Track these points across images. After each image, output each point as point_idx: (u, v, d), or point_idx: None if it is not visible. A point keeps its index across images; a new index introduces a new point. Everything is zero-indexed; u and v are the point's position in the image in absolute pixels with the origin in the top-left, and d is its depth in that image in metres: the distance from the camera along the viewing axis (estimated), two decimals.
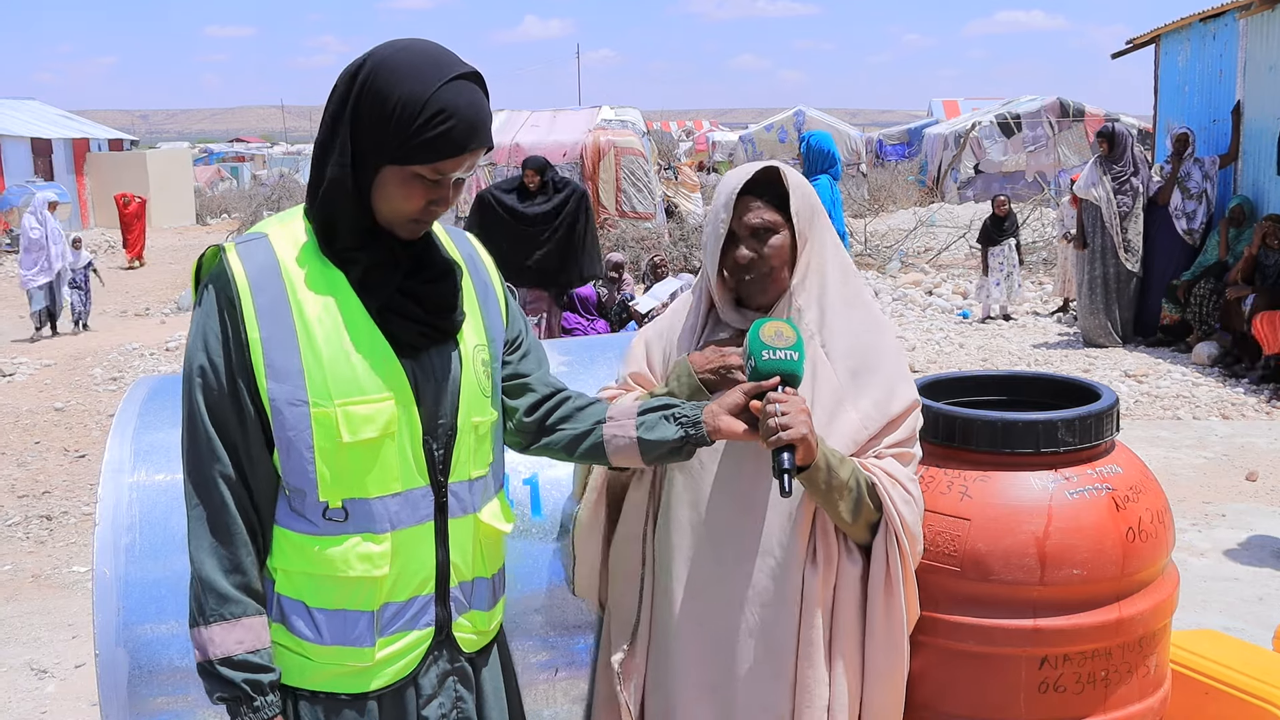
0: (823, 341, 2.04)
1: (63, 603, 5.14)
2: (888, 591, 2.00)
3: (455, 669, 1.81)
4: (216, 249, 1.70)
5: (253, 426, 1.66)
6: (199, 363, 1.66)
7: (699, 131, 44.53)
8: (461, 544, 1.77)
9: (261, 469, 1.68)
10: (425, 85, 1.61)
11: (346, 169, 1.65)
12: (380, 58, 1.65)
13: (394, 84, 1.61)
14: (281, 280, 1.67)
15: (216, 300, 1.66)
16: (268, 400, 1.65)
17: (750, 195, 2.03)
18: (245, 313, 1.64)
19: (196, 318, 1.69)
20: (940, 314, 12.38)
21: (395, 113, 1.61)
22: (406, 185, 1.65)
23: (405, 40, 1.69)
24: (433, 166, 1.63)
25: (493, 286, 1.89)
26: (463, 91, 1.63)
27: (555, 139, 16.30)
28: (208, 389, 1.65)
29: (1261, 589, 4.90)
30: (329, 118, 1.68)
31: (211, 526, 1.65)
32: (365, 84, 1.63)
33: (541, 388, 1.92)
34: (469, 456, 1.78)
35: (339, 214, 1.67)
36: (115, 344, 11.73)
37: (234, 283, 1.65)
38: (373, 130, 1.63)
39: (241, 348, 1.65)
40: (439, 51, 1.67)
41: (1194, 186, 10.30)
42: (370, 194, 1.67)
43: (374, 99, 1.62)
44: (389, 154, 1.63)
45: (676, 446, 1.85)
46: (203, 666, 1.66)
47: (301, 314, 1.66)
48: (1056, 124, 22.75)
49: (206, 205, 30.84)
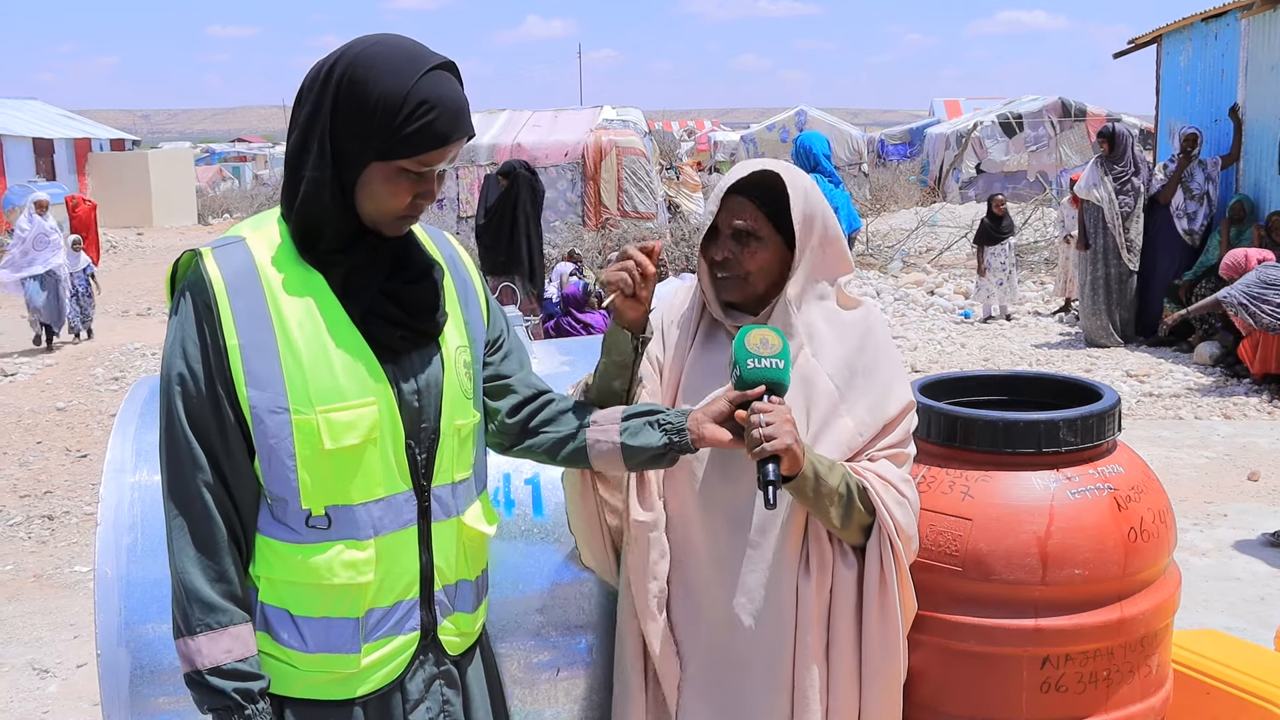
0: (815, 351, 2.01)
1: (64, 602, 5.14)
2: (882, 593, 1.99)
3: (441, 672, 1.79)
4: (192, 253, 1.66)
5: (233, 434, 1.63)
6: (177, 370, 1.63)
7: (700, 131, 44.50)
8: (445, 548, 1.76)
9: (243, 477, 1.65)
10: (404, 79, 1.59)
11: (329, 171, 1.62)
12: (353, 55, 1.62)
13: (372, 80, 1.59)
14: (260, 285, 1.64)
15: (194, 306, 1.63)
16: (248, 408, 1.62)
17: (742, 195, 2.00)
18: (223, 319, 1.61)
19: (173, 325, 1.65)
20: (942, 314, 12.38)
21: (378, 109, 1.58)
22: (392, 181, 1.63)
23: (373, 36, 1.66)
24: (418, 159, 1.61)
25: (473, 286, 1.87)
26: (441, 82, 1.62)
27: (557, 139, 16.30)
28: (187, 397, 1.62)
29: (1263, 589, 4.90)
30: (304, 120, 1.64)
31: (195, 536, 1.62)
32: (341, 83, 1.61)
33: (524, 389, 1.90)
34: (451, 460, 1.76)
35: (322, 217, 1.64)
36: (117, 344, 11.74)
37: (211, 288, 1.62)
38: (355, 129, 1.60)
39: (220, 355, 1.61)
40: (411, 44, 1.65)
41: (1196, 187, 10.29)
42: (354, 194, 1.64)
43: (353, 97, 1.60)
44: (374, 151, 1.61)
45: (660, 453, 1.83)
46: (190, 677, 1.63)
47: (281, 319, 1.63)
48: (1058, 124, 22.73)
49: (208, 205, 30.87)
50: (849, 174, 23.28)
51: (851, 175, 23.54)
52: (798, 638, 1.99)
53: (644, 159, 15.97)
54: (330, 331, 1.64)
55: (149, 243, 24.10)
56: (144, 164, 28.42)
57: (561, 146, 16.09)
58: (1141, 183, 10.31)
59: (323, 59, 1.66)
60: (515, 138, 16.47)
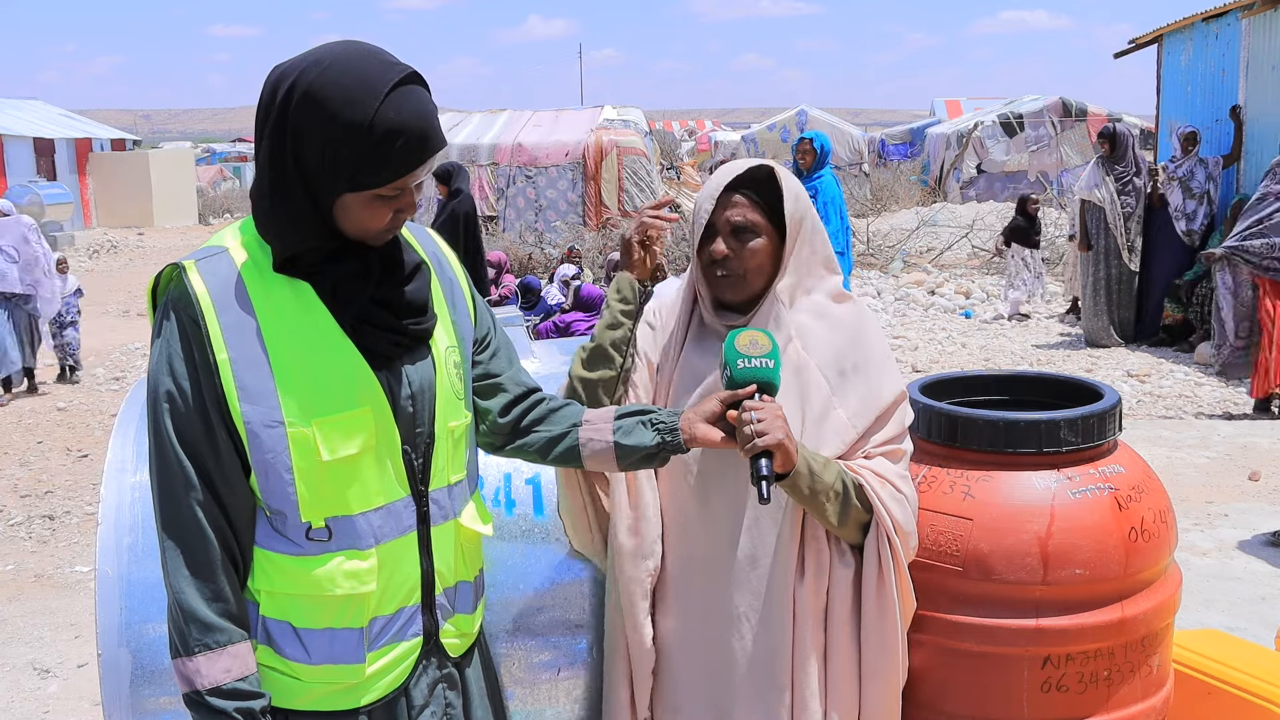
0: (806, 345, 2.02)
1: (65, 602, 5.14)
2: (880, 590, 1.99)
3: (444, 675, 1.79)
4: (174, 267, 1.62)
5: (226, 450, 1.60)
6: (165, 388, 1.59)
7: (701, 131, 44.52)
8: (444, 551, 1.75)
9: (238, 493, 1.62)
10: (365, 109, 1.51)
11: (305, 202, 1.58)
12: (306, 85, 1.54)
13: (330, 115, 1.52)
14: (247, 297, 1.60)
15: (179, 323, 1.59)
16: (242, 423, 1.59)
17: (737, 192, 2.01)
18: (211, 334, 1.58)
19: (158, 343, 1.61)
20: (943, 314, 12.38)
21: (342, 145, 1.53)
22: (368, 207, 1.59)
23: (325, 55, 1.57)
24: (392, 185, 1.57)
25: (459, 284, 1.85)
26: (405, 101, 1.54)
27: (558, 139, 16.31)
28: (176, 414, 1.58)
29: (1264, 589, 4.90)
30: (266, 153, 1.58)
31: (189, 556, 1.60)
32: (299, 118, 1.54)
33: (514, 387, 1.89)
34: (447, 462, 1.75)
35: (301, 240, 1.60)
36: (118, 344, 11.73)
37: (197, 303, 1.58)
38: (320, 167, 1.55)
39: (210, 370, 1.58)
40: (366, 61, 1.56)
41: (1197, 187, 10.28)
42: (332, 216, 1.60)
43: (313, 135, 1.54)
44: (345, 184, 1.56)
45: (652, 453, 1.83)
46: (190, 698, 1.61)
47: (270, 331, 1.59)
48: (1059, 124, 22.73)
49: (209, 205, 30.92)
50: (850, 174, 23.29)
51: (852, 175, 23.56)
52: (796, 638, 2.00)
53: (645, 159, 15.99)
54: (321, 342, 1.62)
55: (149, 243, 24.11)
56: (145, 164, 28.45)
57: (562, 146, 16.10)
58: (1142, 183, 10.31)
59: (278, 75, 1.58)
60: (516, 138, 16.49)
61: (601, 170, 15.81)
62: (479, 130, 16.95)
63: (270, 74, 1.60)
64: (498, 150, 16.30)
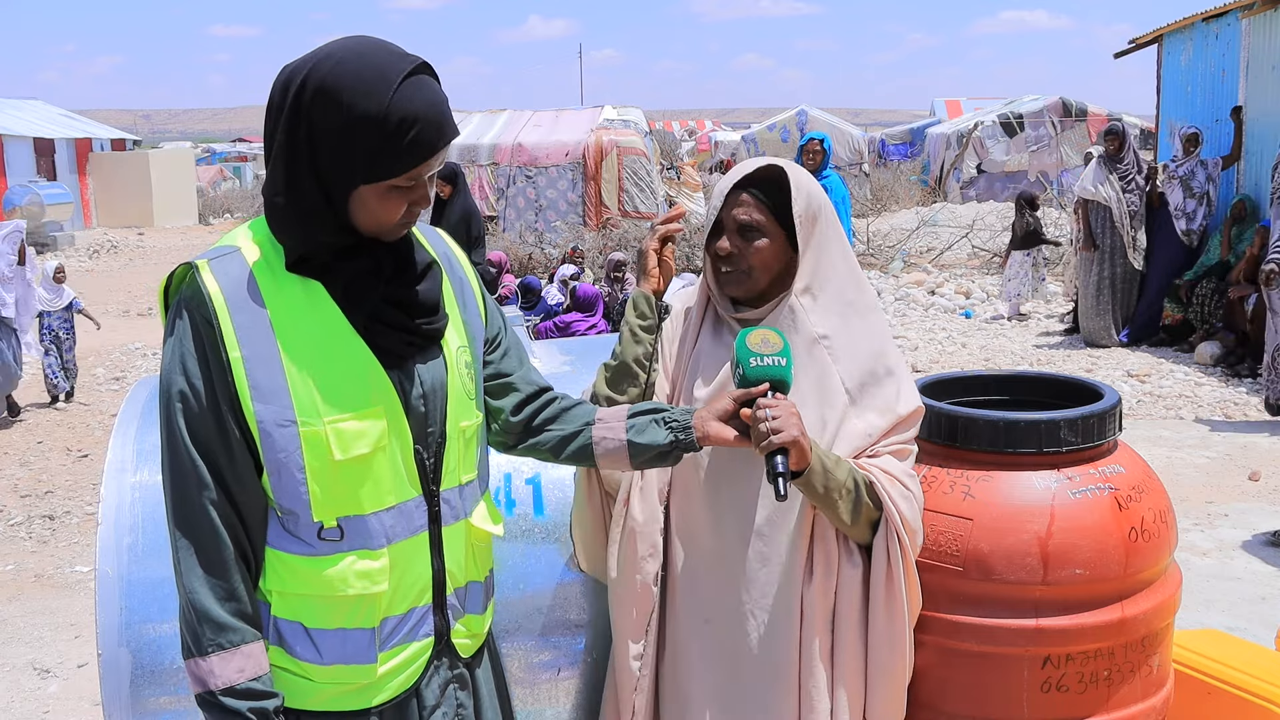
0: (830, 348, 2.03)
1: (65, 602, 5.14)
2: (889, 588, 2.00)
3: (455, 675, 1.79)
4: (187, 267, 1.62)
5: (239, 449, 1.60)
6: (178, 388, 1.59)
7: (701, 131, 44.52)
8: (455, 551, 1.75)
9: (251, 493, 1.62)
10: (379, 99, 1.53)
11: (319, 198, 1.58)
12: (319, 79, 1.55)
13: (345, 106, 1.53)
14: (259, 296, 1.60)
15: (192, 322, 1.59)
16: (255, 422, 1.59)
17: (746, 191, 2.02)
18: (225, 332, 1.58)
19: (170, 342, 1.61)
20: (943, 314, 12.37)
21: (357, 135, 1.54)
22: (384, 199, 1.60)
23: (336, 49, 1.59)
24: (408, 175, 1.58)
25: (469, 283, 1.85)
26: (418, 91, 1.56)
27: (558, 139, 16.31)
28: (189, 414, 1.59)
29: (1264, 588, 4.90)
30: (279, 148, 1.59)
31: (202, 555, 1.60)
32: (313, 112, 1.55)
33: (525, 386, 1.89)
34: (458, 462, 1.75)
35: (315, 237, 1.61)
36: (118, 344, 11.72)
37: (210, 302, 1.58)
38: (335, 159, 1.56)
39: (223, 369, 1.58)
40: (377, 53, 1.58)
41: (1198, 187, 10.28)
42: (346, 211, 1.61)
43: (328, 127, 1.55)
44: (360, 176, 1.57)
45: (665, 451, 1.83)
46: (203, 698, 1.61)
47: (283, 330, 1.60)
48: (1059, 124, 22.73)
49: (209, 205, 30.91)
50: (850, 174, 23.28)
51: (853, 175, 23.55)
52: (803, 638, 2.00)
53: (645, 159, 15.99)
54: (333, 341, 1.62)
55: (150, 243, 24.11)
56: (145, 164, 28.43)
57: (562, 146, 16.10)
58: (1145, 182, 10.31)
59: (289, 73, 1.59)
60: (516, 138, 16.49)
61: (601, 170, 15.81)
62: (479, 130, 16.96)
63: (279, 74, 1.61)
64: (498, 150, 16.30)
